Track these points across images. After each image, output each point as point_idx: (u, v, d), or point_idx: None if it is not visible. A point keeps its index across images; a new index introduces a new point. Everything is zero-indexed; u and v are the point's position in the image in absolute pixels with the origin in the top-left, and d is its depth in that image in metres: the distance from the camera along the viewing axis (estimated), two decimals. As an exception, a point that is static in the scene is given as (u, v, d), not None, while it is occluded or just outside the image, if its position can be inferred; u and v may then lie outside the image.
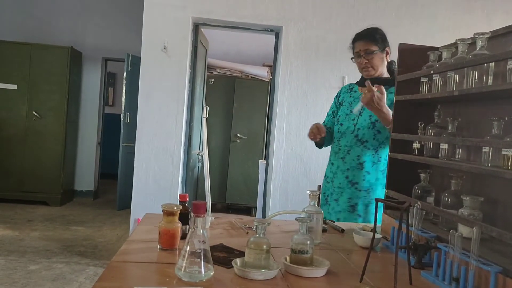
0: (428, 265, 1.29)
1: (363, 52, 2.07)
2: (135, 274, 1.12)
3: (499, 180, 1.31)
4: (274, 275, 1.12)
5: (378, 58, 2.07)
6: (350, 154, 2.06)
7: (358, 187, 2.02)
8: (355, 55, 2.12)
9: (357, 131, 2.04)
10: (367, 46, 2.07)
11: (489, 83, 1.34)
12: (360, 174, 2.02)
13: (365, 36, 2.09)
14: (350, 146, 2.06)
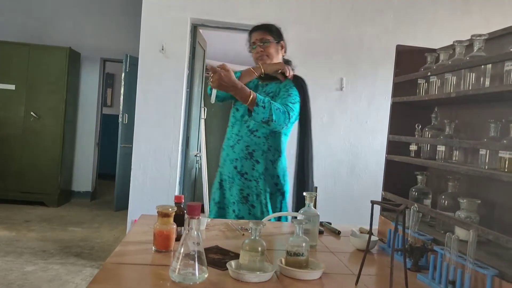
0: (424, 268, 1.29)
1: (258, 41, 2.10)
2: (129, 276, 1.12)
3: (496, 183, 1.30)
4: (269, 277, 1.11)
5: (273, 48, 2.10)
6: (240, 144, 2.03)
7: (247, 177, 2.00)
8: (251, 45, 2.14)
9: (248, 121, 2.03)
10: (262, 35, 2.10)
11: (486, 85, 1.33)
12: (249, 164, 2.00)
13: (261, 27, 2.13)
14: (241, 136, 2.04)
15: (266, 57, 2.09)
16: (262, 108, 1.81)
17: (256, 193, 1.99)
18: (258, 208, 1.98)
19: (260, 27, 2.14)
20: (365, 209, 3.90)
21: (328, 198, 3.89)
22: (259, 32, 2.12)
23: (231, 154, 2.04)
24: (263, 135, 2.00)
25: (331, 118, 3.93)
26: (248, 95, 1.81)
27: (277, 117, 1.84)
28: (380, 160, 3.95)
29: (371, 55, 3.94)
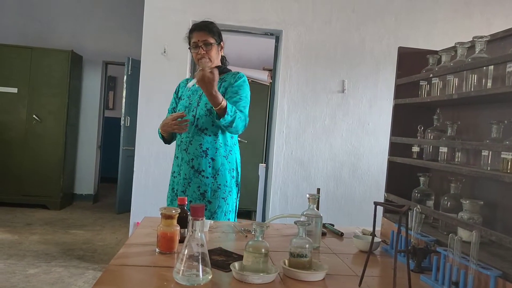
0: (427, 269, 1.29)
1: (201, 42, 2.07)
2: (133, 278, 1.12)
3: (498, 184, 1.31)
4: (272, 279, 1.11)
5: (215, 50, 2.11)
6: (193, 144, 2.06)
7: (204, 174, 2.04)
8: (192, 45, 2.10)
9: (197, 121, 2.05)
10: (205, 37, 2.08)
11: (488, 86, 1.34)
12: (205, 162, 2.05)
13: (204, 28, 2.10)
14: (191, 137, 2.07)
15: (208, 60, 2.08)
16: (229, 117, 1.89)
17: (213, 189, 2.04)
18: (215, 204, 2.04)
19: (202, 27, 2.11)
20: (367, 211, 3.92)
21: (330, 200, 3.90)
22: (202, 33, 2.09)
23: (185, 156, 2.08)
24: (213, 133, 2.05)
25: (333, 121, 3.93)
26: (220, 102, 1.85)
27: (237, 124, 1.95)
28: (382, 162, 3.96)
29: (373, 57, 3.95)
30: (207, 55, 2.07)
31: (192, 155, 2.06)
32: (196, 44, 2.08)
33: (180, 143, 2.13)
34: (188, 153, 2.07)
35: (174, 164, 2.18)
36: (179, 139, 2.14)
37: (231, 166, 2.09)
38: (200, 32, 2.09)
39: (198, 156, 2.05)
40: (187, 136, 2.08)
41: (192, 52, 2.12)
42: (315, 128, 3.92)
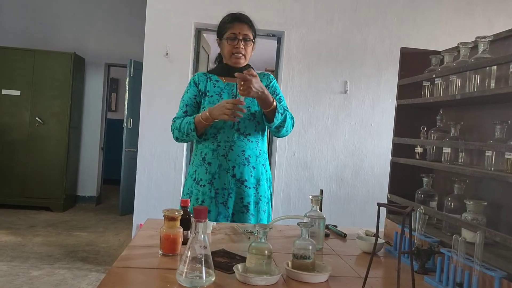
0: (431, 270, 1.28)
1: (241, 36, 1.90)
2: (136, 280, 1.12)
3: (502, 184, 1.30)
4: (275, 280, 1.11)
5: (251, 48, 1.96)
6: (234, 150, 1.87)
7: (247, 185, 1.87)
8: (230, 36, 1.89)
9: (238, 125, 1.87)
10: (246, 31, 1.91)
11: (491, 86, 1.33)
12: (247, 171, 1.88)
13: (247, 21, 1.93)
14: (233, 142, 1.87)
15: (243, 57, 1.93)
16: (280, 115, 1.80)
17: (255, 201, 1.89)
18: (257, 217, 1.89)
19: (245, 20, 1.94)
20: (370, 212, 3.92)
21: (333, 201, 3.89)
22: (244, 26, 1.92)
23: (225, 163, 1.86)
24: (255, 139, 1.91)
25: (335, 121, 3.93)
26: (272, 101, 1.76)
27: (287, 123, 1.87)
28: (385, 163, 3.95)
29: (375, 58, 3.94)
30: (244, 51, 1.91)
31: (234, 163, 1.86)
32: (235, 36, 1.89)
33: (216, 148, 1.87)
34: (228, 160, 1.86)
35: (199, 170, 1.90)
36: (213, 142, 1.88)
37: (268, 175, 1.97)
38: (242, 25, 1.92)
39: (240, 164, 1.86)
40: (226, 141, 1.86)
41: (228, 44, 1.91)
42: (318, 129, 3.92)
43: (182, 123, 1.87)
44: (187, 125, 1.85)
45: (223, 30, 1.94)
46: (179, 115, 1.94)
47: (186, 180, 2.00)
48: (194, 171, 1.93)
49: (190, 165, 2.00)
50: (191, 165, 1.98)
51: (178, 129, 1.89)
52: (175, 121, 1.92)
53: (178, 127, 1.89)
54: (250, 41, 1.93)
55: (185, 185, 1.98)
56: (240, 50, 1.91)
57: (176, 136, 1.92)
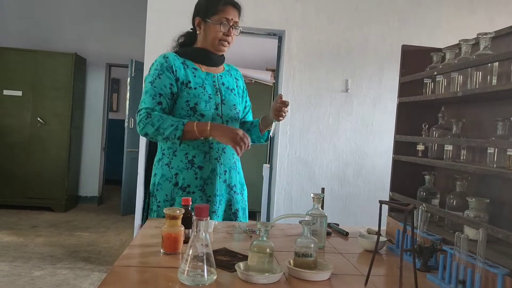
0: (434, 268, 1.28)
1: (233, 22, 1.73)
2: (137, 279, 1.12)
3: (505, 181, 1.30)
4: (277, 278, 1.11)
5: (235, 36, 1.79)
6: (226, 154, 1.74)
7: (236, 190, 1.79)
8: (223, 20, 1.70)
9: (226, 124, 1.73)
10: (237, 18, 1.75)
11: (493, 83, 1.33)
12: (235, 175, 1.79)
13: (239, 8, 1.77)
14: (223, 144, 1.70)
15: (228, 46, 1.77)
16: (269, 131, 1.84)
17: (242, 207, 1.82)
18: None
19: (238, 6, 1.76)
20: (372, 210, 3.92)
21: (335, 199, 3.89)
22: (236, 12, 1.75)
23: (218, 167, 1.72)
24: None
25: (337, 120, 3.92)
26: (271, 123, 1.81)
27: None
28: (387, 161, 3.94)
29: (376, 56, 3.94)
30: (231, 40, 1.77)
31: (225, 167, 1.74)
32: (228, 21, 1.71)
33: (208, 150, 1.69)
34: (221, 164, 1.72)
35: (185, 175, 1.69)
36: (204, 144, 1.69)
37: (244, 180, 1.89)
38: (234, 11, 1.74)
39: (231, 168, 1.76)
40: (218, 142, 1.69)
41: (220, 28, 1.70)
42: (319, 128, 3.91)
43: (162, 123, 1.59)
44: (171, 128, 1.57)
45: (211, 11, 1.72)
46: (151, 106, 1.64)
47: (157, 184, 1.71)
48: (174, 175, 1.69)
49: (162, 166, 1.72)
50: (166, 166, 1.71)
51: (154, 127, 1.60)
52: (150, 114, 1.62)
53: (153, 124, 1.60)
54: (238, 29, 1.77)
55: (158, 191, 1.70)
56: (230, 39, 1.75)
57: (146, 132, 1.62)
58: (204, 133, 1.59)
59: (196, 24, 1.78)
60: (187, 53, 1.78)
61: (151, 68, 1.76)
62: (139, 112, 1.65)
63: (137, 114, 1.66)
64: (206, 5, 1.75)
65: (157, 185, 1.73)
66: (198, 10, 1.78)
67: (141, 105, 1.66)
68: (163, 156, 1.74)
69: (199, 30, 1.77)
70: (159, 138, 1.62)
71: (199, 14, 1.76)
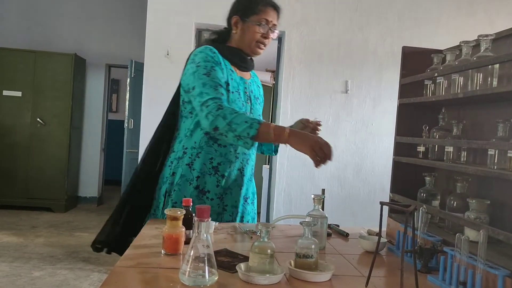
0: (434, 269, 1.28)
1: (272, 25, 1.66)
2: (138, 279, 1.12)
3: (505, 183, 1.30)
4: (278, 279, 1.11)
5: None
6: (249, 165, 1.70)
7: (249, 201, 1.74)
8: (262, 21, 1.63)
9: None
10: (276, 21, 1.69)
11: (494, 85, 1.33)
12: (252, 187, 1.75)
13: (279, 11, 1.71)
14: (248, 155, 1.68)
15: (263, 48, 1.70)
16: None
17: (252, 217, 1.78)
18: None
19: (278, 9, 1.70)
20: (372, 211, 3.92)
21: (335, 200, 3.89)
22: (276, 15, 1.69)
23: (239, 179, 1.65)
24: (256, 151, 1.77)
25: (336, 121, 3.93)
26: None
27: None
28: (386, 162, 3.95)
29: (376, 57, 3.94)
30: (268, 42, 1.70)
31: (246, 178, 1.68)
32: (267, 22, 1.65)
33: (234, 160, 1.63)
34: (243, 176, 1.66)
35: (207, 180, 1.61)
36: (232, 152, 1.62)
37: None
38: (275, 13, 1.69)
39: (249, 181, 1.70)
40: (244, 153, 1.64)
41: (259, 30, 1.63)
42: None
43: (236, 118, 1.42)
44: (245, 125, 1.41)
45: (252, 11, 1.64)
46: (219, 96, 1.49)
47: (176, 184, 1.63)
48: (196, 177, 1.61)
49: (182, 165, 1.63)
50: (186, 167, 1.62)
51: (226, 121, 1.42)
52: (221, 106, 1.45)
53: (226, 117, 1.43)
54: (275, 34, 1.69)
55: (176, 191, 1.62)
56: (267, 41, 1.67)
57: (217, 126, 1.44)
58: (280, 138, 1.43)
59: (233, 23, 1.69)
60: (224, 53, 1.67)
61: (194, 59, 1.61)
62: (204, 104, 1.47)
63: (201, 106, 1.48)
64: (246, 4, 1.67)
65: (175, 185, 1.63)
66: (237, 9, 1.69)
67: (203, 97, 1.49)
68: (184, 155, 1.64)
69: (235, 29, 1.68)
70: (230, 135, 1.43)
71: (238, 13, 1.67)
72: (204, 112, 1.47)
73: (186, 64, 1.68)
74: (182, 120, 1.71)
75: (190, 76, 1.57)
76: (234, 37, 1.70)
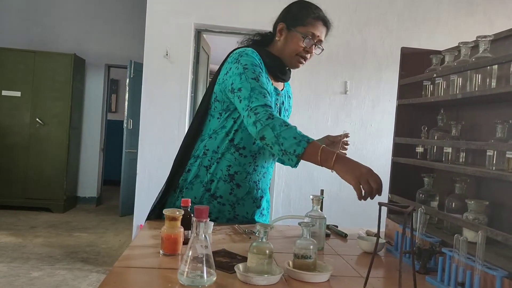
0: (433, 270, 1.28)
1: (318, 40, 1.62)
2: (137, 280, 1.12)
3: (504, 184, 1.30)
4: (277, 280, 1.11)
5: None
6: (266, 178, 1.67)
7: (263, 213, 1.73)
8: (309, 34, 1.58)
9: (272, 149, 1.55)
10: (323, 37, 1.64)
11: (492, 86, 1.33)
12: (266, 200, 1.72)
13: (329, 27, 1.66)
14: (266, 168, 1.66)
15: (303, 62, 1.65)
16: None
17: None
18: None
19: (328, 25, 1.66)
20: (370, 212, 3.90)
21: (334, 201, 3.89)
22: (325, 31, 1.64)
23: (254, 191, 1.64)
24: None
25: (336, 122, 3.93)
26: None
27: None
28: (385, 162, 3.94)
29: (375, 58, 3.94)
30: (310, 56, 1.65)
31: (262, 192, 1.66)
32: (313, 36, 1.59)
33: (252, 172, 1.60)
34: (258, 189, 1.64)
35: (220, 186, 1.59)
36: (251, 164, 1.60)
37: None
38: (325, 29, 1.64)
39: (264, 193, 1.67)
40: (262, 166, 1.63)
41: (303, 42, 1.58)
42: (318, 130, 3.91)
43: (285, 131, 1.36)
44: (292, 141, 1.34)
45: (300, 21, 1.59)
46: (270, 105, 1.42)
47: (189, 183, 1.61)
48: (210, 180, 1.59)
49: (199, 166, 1.60)
50: (203, 168, 1.59)
51: (274, 132, 1.36)
52: (272, 115, 1.38)
53: (274, 129, 1.36)
54: (319, 50, 1.65)
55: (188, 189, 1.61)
56: (309, 56, 1.62)
57: (264, 135, 1.37)
58: (326, 163, 1.35)
59: (278, 29, 1.63)
60: (265, 59, 1.59)
61: (239, 59, 1.52)
62: (253, 110, 1.40)
63: (249, 112, 1.40)
64: (296, 13, 1.61)
65: (188, 183, 1.61)
66: (285, 16, 1.63)
67: (253, 102, 1.41)
68: (204, 156, 1.59)
69: (279, 37, 1.63)
70: (276, 148, 1.37)
71: (286, 20, 1.62)
72: (252, 118, 1.39)
73: (226, 62, 1.58)
74: (208, 118, 1.63)
75: (236, 76, 1.48)
76: (276, 44, 1.64)
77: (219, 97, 1.57)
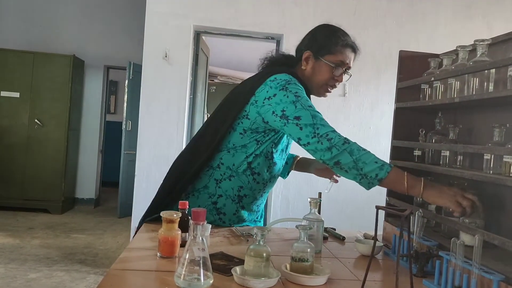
0: (430, 273, 1.28)
1: (347, 67, 1.59)
2: (134, 282, 1.12)
3: (501, 188, 1.30)
4: (274, 283, 1.11)
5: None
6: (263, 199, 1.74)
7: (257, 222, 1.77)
8: (338, 63, 1.55)
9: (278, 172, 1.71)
10: (352, 63, 1.61)
11: (490, 89, 1.33)
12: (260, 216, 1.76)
13: (358, 54, 1.63)
14: (267, 192, 1.73)
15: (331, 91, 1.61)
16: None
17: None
18: None
19: (357, 52, 1.62)
20: (368, 215, 3.91)
21: (332, 204, 3.89)
22: (354, 56, 1.60)
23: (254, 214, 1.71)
24: None
25: (334, 124, 3.87)
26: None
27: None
28: (384, 165, 3.95)
29: (374, 61, 3.95)
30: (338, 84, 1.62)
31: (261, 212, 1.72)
32: (343, 64, 1.57)
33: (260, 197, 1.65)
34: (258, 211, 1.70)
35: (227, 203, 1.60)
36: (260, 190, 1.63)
37: None
38: (353, 55, 1.60)
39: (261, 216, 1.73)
40: (268, 191, 1.71)
41: (331, 71, 1.55)
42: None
43: (364, 156, 1.36)
44: (374, 166, 1.34)
45: (328, 50, 1.55)
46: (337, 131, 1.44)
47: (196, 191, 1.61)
48: (218, 195, 1.58)
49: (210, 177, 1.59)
50: (213, 181, 1.58)
51: (353, 157, 1.36)
52: (348, 141, 1.41)
53: (352, 153, 1.37)
54: (348, 76, 1.62)
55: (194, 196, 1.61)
56: (338, 84, 1.59)
57: (339, 160, 1.38)
58: (413, 190, 1.31)
59: (304, 58, 1.58)
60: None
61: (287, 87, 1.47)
62: (324, 136, 1.39)
63: (320, 138, 1.39)
64: (323, 41, 1.56)
65: (195, 190, 1.61)
66: (311, 44, 1.58)
67: (320, 129, 1.41)
68: (218, 169, 1.57)
69: (305, 65, 1.58)
70: (352, 172, 1.38)
71: (312, 48, 1.56)
72: (325, 144, 1.38)
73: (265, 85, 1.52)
74: (227, 130, 1.56)
75: (289, 104, 1.43)
76: (303, 71, 1.59)
77: (251, 116, 1.52)
